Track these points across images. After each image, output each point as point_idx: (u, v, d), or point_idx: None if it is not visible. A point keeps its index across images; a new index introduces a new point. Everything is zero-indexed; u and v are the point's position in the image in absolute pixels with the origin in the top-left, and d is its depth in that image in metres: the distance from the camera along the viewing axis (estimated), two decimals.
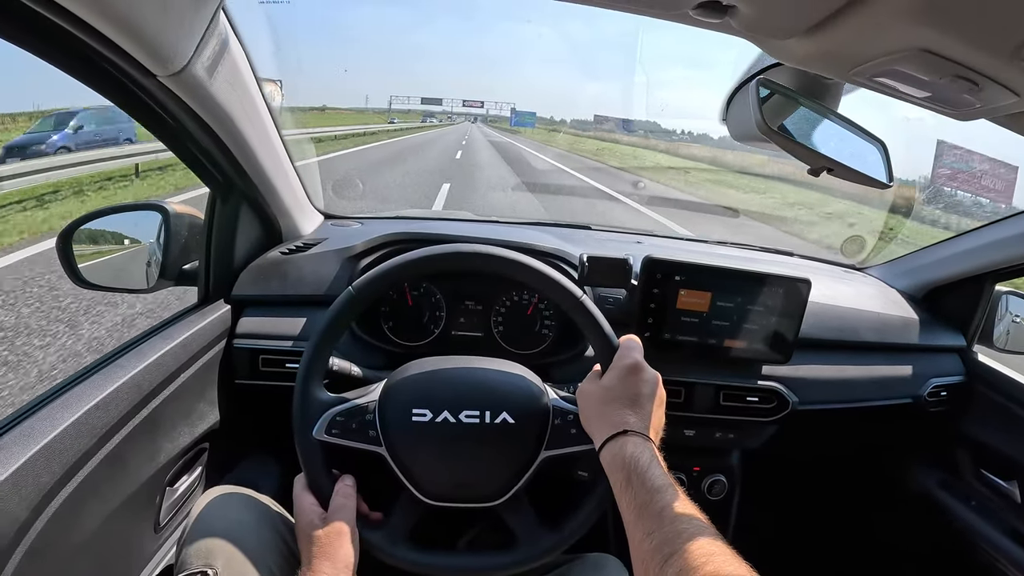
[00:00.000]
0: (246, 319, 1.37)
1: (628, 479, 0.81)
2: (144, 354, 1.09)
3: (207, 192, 1.32)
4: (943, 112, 0.82)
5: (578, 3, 0.79)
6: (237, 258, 1.40)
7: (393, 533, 0.98)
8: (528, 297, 1.46)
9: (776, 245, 2.03)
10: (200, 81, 0.98)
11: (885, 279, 1.82)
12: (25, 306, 4.55)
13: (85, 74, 0.88)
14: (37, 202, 8.53)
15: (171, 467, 1.20)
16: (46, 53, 0.81)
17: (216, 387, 1.33)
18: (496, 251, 1.01)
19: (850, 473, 1.87)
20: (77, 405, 0.93)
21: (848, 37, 0.67)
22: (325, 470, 0.97)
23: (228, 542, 0.89)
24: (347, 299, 0.99)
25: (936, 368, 1.59)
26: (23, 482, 0.81)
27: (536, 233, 1.62)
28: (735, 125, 1.15)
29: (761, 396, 1.42)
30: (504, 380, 1.04)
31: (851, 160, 0.99)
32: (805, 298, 1.36)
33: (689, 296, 1.35)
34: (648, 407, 0.91)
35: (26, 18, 0.73)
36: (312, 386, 0.98)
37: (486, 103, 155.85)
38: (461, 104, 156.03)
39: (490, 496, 0.99)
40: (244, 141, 1.19)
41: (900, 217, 4.33)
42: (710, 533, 0.71)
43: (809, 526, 1.92)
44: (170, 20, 0.84)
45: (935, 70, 0.67)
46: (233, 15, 1.05)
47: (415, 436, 0.97)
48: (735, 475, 1.58)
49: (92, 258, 1.28)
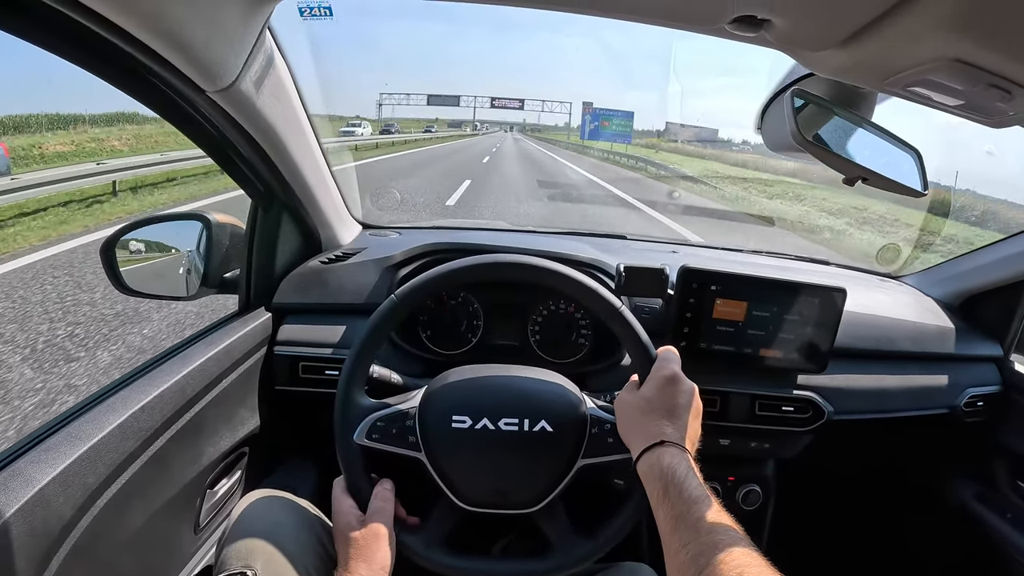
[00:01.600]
0: (287, 327, 1.40)
1: (665, 490, 0.81)
2: (187, 360, 1.12)
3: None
4: (976, 120, 0.82)
5: (616, 18, 0.80)
6: (278, 267, 1.43)
7: (429, 537, 0.99)
8: (565, 306, 1.47)
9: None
10: (247, 96, 1.01)
11: (921, 287, 1.80)
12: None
13: (138, 90, 0.91)
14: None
15: (212, 470, 1.22)
16: (101, 71, 0.83)
17: (257, 393, 1.35)
18: (535, 261, 1.02)
19: (885, 484, 1.85)
20: (123, 408, 0.95)
21: (881, 49, 0.67)
22: (364, 474, 0.99)
23: (267, 544, 0.91)
24: (390, 307, 1.00)
25: (973, 378, 1.56)
26: (70, 482, 0.84)
27: (573, 243, 1.63)
28: (770, 135, 1.15)
29: (796, 406, 1.41)
30: (543, 389, 1.05)
31: (885, 169, 0.99)
32: (840, 307, 1.35)
33: (725, 305, 1.34)
34: (685, 418, 0.91)
35: (85, 38, 0.76)
36: (354, 391, 0.99)
37: (527, 102, 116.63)
38: (489, 104, 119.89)
39: (527, 503, 1.00)
40: (287, 154, 1.21)
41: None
42: (745, 544, 0.72)
43: (843, 537, 1.90)
44: (219, 37, 0.87)
45: (968, 79, 0.67)
46: (278, 32, 1.08)
47: (454, 442, 0.99)
48: (770, 485, 1.57)
49: (133, 264, 1.31)
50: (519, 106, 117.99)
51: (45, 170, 11.63)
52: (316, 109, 1.31)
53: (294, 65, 1.17)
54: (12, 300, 5.18)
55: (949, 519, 1.69)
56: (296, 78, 1.20)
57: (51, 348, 4.20)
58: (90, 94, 20.93)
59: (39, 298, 5.25)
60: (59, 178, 9.81)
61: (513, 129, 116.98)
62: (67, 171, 10.39)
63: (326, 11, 5.84)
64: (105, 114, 21.31)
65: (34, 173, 10.54)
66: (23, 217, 8.76)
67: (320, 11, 5.62)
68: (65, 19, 0.72)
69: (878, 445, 1.67)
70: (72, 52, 0.79)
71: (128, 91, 0.90)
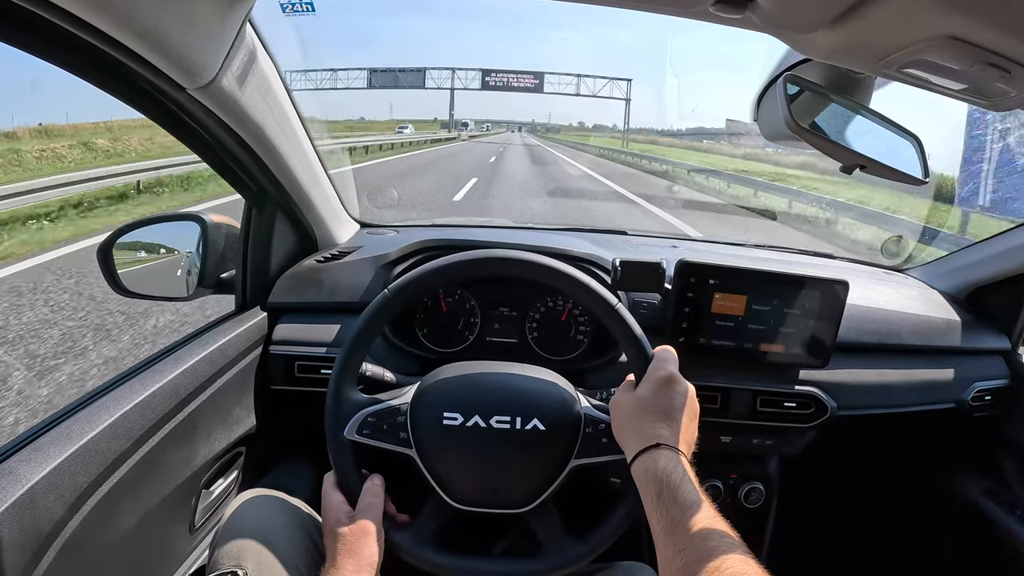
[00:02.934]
0: (282, 326, 1.40)
1: (659, 494, 0.80)
2: (181, 360, 1.12)
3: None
4: (978, 103, 0.80)
5: (598, 4, 0.79)
6: (273, 266, 1.42)
7: (419, 535, 0.98)
8: (562, 303, 1.46)
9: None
10: (230, 93, 1.00)
11: (926, 280, 1.77)
12: None
13: (118, 89, 0.91)
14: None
15: (207, 470, 1.22)
16: (80, 70, 0.84)
17: (252, 393, 1.35)
18: (530, 256, 1.01)
19: (890, 481, 1.82)
20: (115, 408, 0.95)
21: (873, 27, 0.66)
22: (354, 469, 0.98)
23: (259, 544, 0.91)
24: (382, 301, 1.00)
25: (980, 371, 1.53)
26: (60, 481, 0.84)
27: (570, 239, 1.62)
28: (766, 124, 1.13)
29: (799, 401, 1.39)
30: (536, 387, 1.04)
31: (885, 156, 0.97)
32: (843, 300, 1.33)
33: (724, 300, 1.32)
34: (681, 420, 0.90)
35: (58, 36, 0.75)
36: (345, 386, 0.99)
37: (548, 79, 78.23)
38: (479, 82, 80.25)
39: (518, 503, 0.99)
40: (276, 151, 1.21)
41: None
42: (741, 551, 0.71)
43: (847, 535, 1.87)
44: (196, 33, 0.86)
45: (965, 58, 0.65)
46: (260, 27, 1.07)
47: (445, 439, 0.98)
48: (773, 483, 1.55)
49: (131, 266, 1.31)
50: (533, 86, 77.77)
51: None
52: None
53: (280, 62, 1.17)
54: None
55: (957, 516, 1.67)
56: (283, 75, 1.19)
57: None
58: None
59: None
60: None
61: (521, 130, 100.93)
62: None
63: (308, 6, 5.84)
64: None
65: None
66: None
67: (302, 7, 5.61)
68: (40, 21, 0.71)
69: (883, 441, 1.65)
70: (51, 53, 0.79)
71: (110, 91, 0.90)
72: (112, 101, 0.91)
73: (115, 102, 0.93)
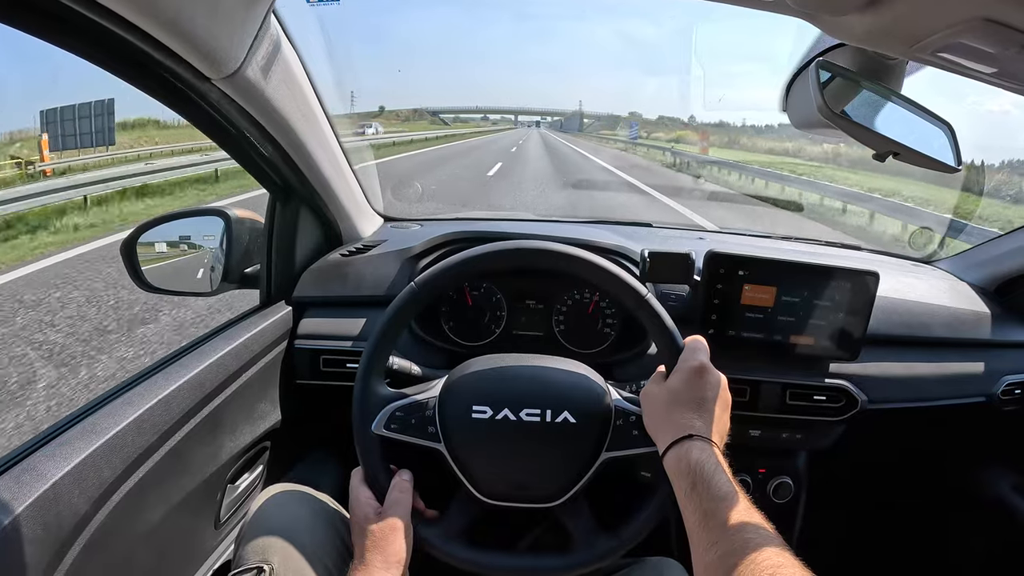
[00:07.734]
0: (307, 320, 1.40)
1: (693, 486, 0.79)
2: (206, 354, 1.12)
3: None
4: (1012, 88, 0.78)
5: None
6: (298, 261, 1.42)
7: (448, 530, 0.97)
8: (589, 295, 1.45)
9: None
10: (254, 83, 1.00)
11: (955, 272, 1.73)
12: None
13: (142, 80, 0.90)
14: None
15: (232, 465, 1.22)
16: (104, 61, 0.83)
17: (278, 387, 1.35)
18: (558, 247, 0.99)
19: (920, 475, 1.79)
20: (139, 402, 0.95)
21: (906, 10, 0.64)
22: (382, 465, 0.97)
23: (285, 539, 0.91)
24: (408, 294, 0.99)
25: (1010, 364, 1.49)
26: (84, 476, 0.84)
27: (596, 230, 1.60)
28: (796, 112, 1.11)
29: (829, 395, 1.37)
30: (566, 379, 1.03)
31: (917, 144, 0.95)
32: (873, 292, 1.31)
33: (753, 291, 1.31)
34: (713, 411, 0.89)
35: (84, 27, 0.75)
36: (372, 381, 0.98)
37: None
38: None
39: (548, 497, 0.98)
40: (301, 143, 1.20)
41: None
42: (777, 544, 0.70)
43: (877, 530, 1.85)
44: (221, 22, 0.86)
45: (1001, 41, 0.63)
46: (284, 17, 1.07)
47: (474, 433, 0.97)
48: (802, 478, 1.52)
49: (156, 262, 1.32)
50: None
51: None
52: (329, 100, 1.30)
53: (304, 53, 1.16)
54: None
55: (986, 511, 1.64)
56: (307, 66, 1.19)
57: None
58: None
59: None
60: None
61: (540, 125, 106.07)
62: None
63: None
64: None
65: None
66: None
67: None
68: (65, 10, 0.71)
69: (912, 435, 1.62)
70: (75, 45, 0.79)
71: (134, 82, 0.90)
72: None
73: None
